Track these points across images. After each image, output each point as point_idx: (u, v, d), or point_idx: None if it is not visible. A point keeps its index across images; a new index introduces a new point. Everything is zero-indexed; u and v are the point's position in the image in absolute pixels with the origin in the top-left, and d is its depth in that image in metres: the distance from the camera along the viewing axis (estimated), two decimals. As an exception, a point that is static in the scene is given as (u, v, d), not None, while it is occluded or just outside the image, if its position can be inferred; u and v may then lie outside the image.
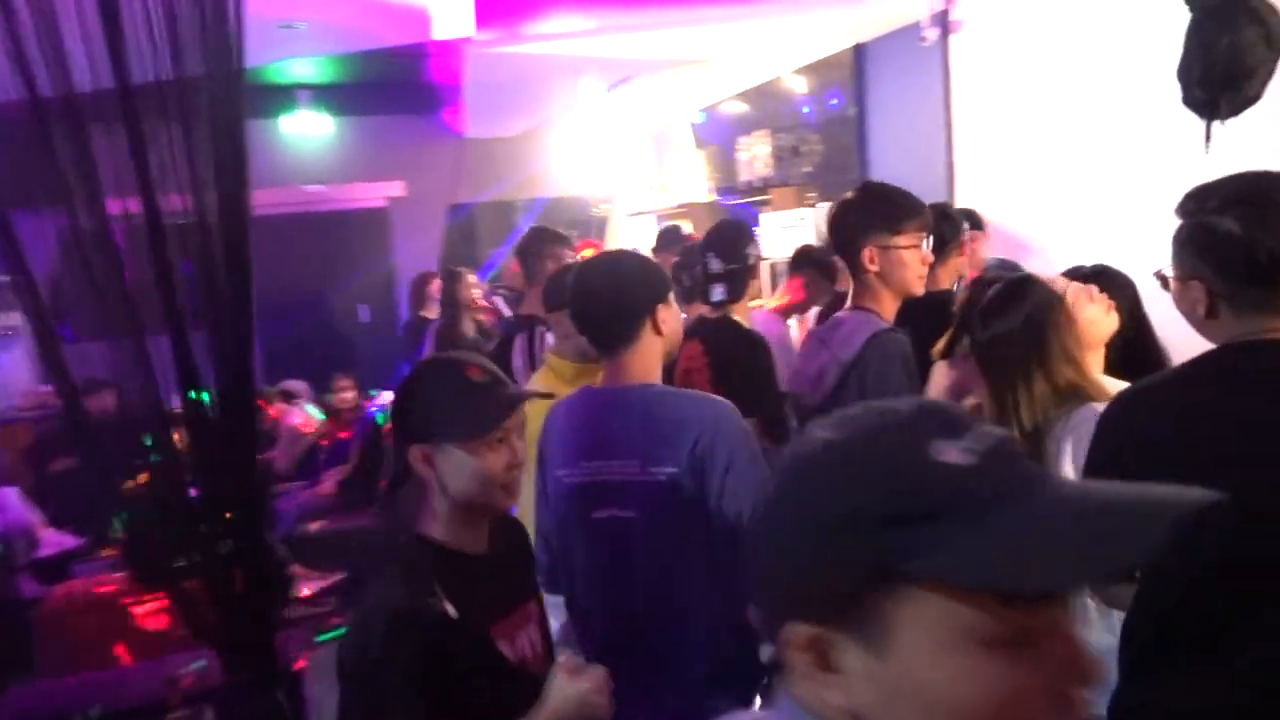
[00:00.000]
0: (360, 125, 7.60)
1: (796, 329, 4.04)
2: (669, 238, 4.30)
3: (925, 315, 2.08)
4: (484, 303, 5.56)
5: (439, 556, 1.38)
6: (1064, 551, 0.57)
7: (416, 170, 7.65)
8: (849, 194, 2.12)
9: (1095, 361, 1.86)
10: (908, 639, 0.60)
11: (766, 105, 6.93)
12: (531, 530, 1.72)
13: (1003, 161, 4.68)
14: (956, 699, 0.59)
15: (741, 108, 7.33)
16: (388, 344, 7.15)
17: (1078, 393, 1.74)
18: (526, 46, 5.64)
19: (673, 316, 1.80)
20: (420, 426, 1.40)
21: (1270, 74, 2.15)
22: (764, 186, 6.52)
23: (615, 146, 8.53)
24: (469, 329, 5.15)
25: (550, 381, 2.16)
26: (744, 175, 6.97)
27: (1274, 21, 2.14)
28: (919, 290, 2.01)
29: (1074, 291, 1.88)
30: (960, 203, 4.54)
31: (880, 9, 5.25)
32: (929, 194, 4.88)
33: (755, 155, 6.76)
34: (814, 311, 3.77)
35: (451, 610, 1.29)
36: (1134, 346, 1.93)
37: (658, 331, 1.77)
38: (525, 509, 2.17)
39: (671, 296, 1.80)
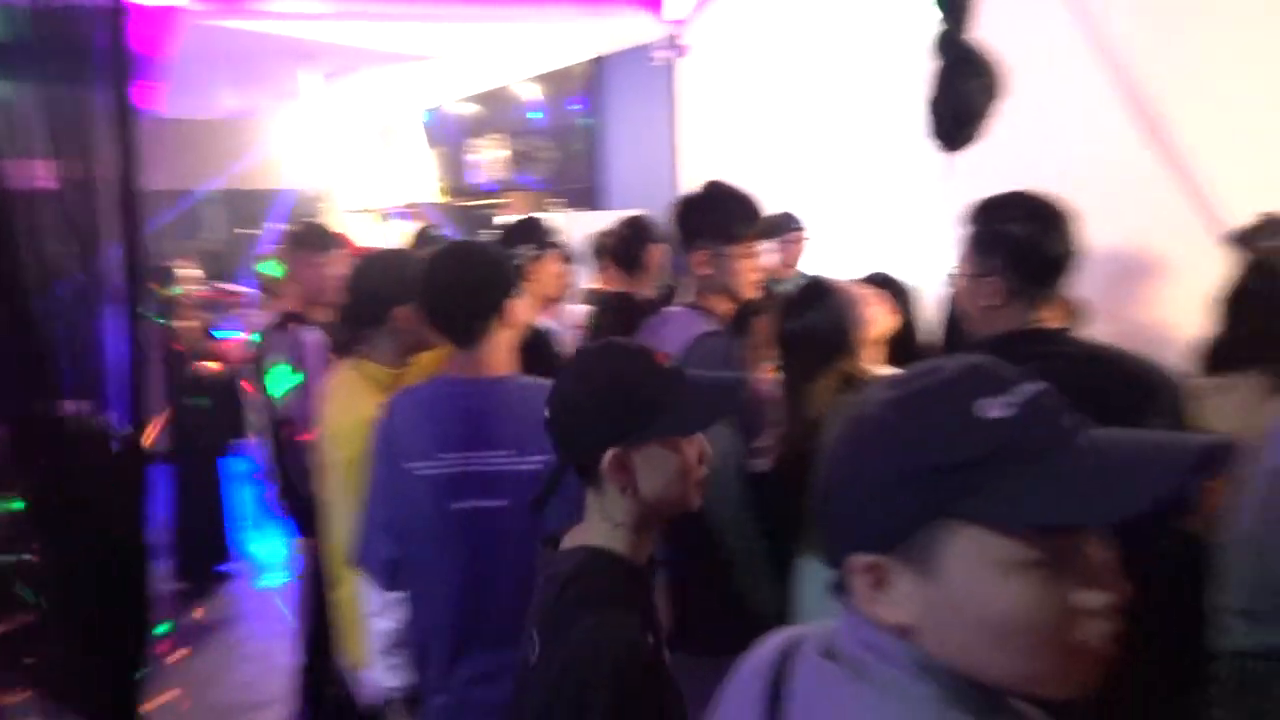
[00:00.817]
0: (33, 93, 6.58)
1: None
2: (424, 239, 4.20)
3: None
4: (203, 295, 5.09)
5: (628, 573, 1.24)
6: (1094, 491, 0.68)
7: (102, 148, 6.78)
8: (692, 193, 2.22)
9: (876, 357, 2.12)
10: (954, 566, 0.69)
11: (500, 109, 6.98)
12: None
13: (723, 176, 5.13)
14: (995, 614, 0.68)
15: (475, 110, 7.32)
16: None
17: (861, 384, 1.98)
18: (242, 23, 5.21)
19: (523, 309, 1.82)
20: (616, 424, 1.23)
21: (988, 116, 2.60)
22: (499, 190, 6.58)
23: (338, 140, 8.12)
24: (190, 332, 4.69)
25: (365, 387, 2.06)
26: (477, 178, 6.97)
27: (993, 73, 2.59)
28: (751, 294, 2.16)
29: (865, 293, 2.14)
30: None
31: (615, 27, 5.49)
32: (656, 205, 5.22)
33: (489, 159, 6.79)
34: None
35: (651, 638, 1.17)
36: (905, 343, 2.23)
37: (509, 324, 1.78)
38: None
39: (522, 289, 1.82)
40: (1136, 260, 2.84)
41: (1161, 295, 2.81)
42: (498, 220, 6.03)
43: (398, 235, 6.74)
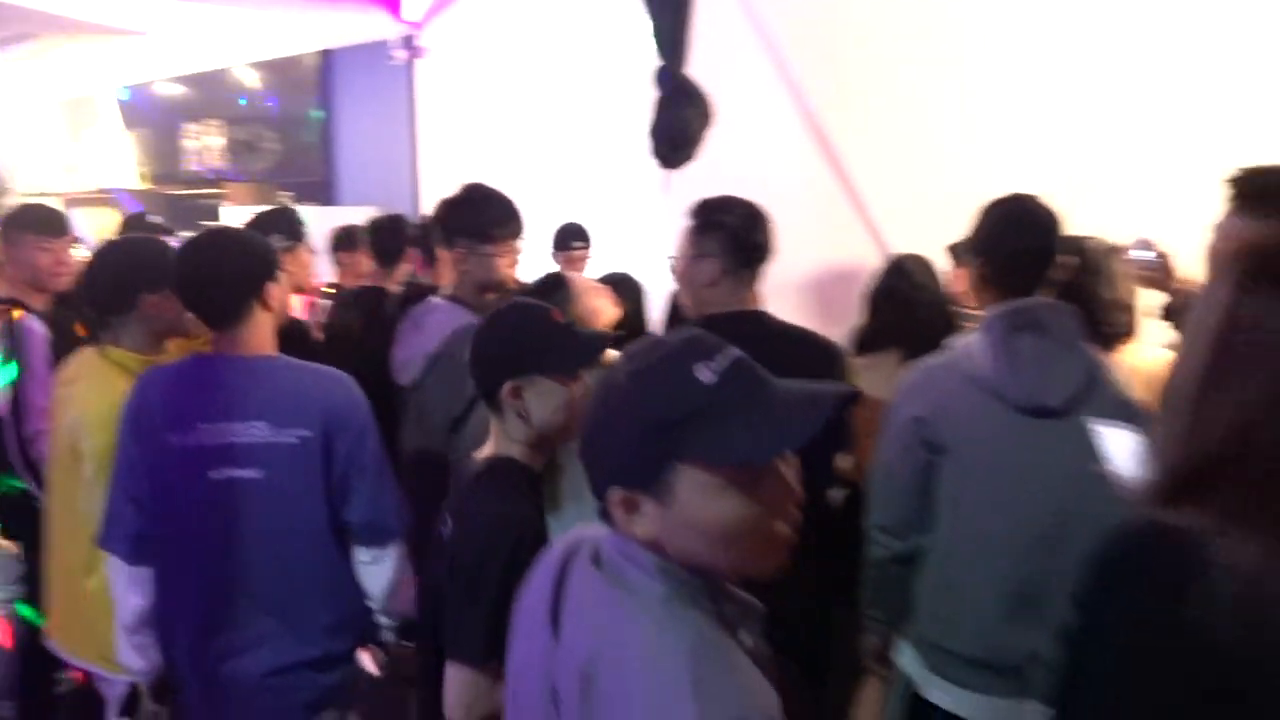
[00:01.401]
0: None
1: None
2: (134, 225, 3.95)
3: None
4: None
5: (529, 476, 1.54)
6: (774, 432, 0.96)
7: None
8: (454, 195, 2.38)
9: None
10: (684, 493, 0.94)
11: (217, 94, 6.65)
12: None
13: (463, 178, 5.28)
14: (715, 524, 0.94)
15: (185, 91, 6.90)
16: None
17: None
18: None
19: (281, 292, 1.90)
20: (512, 361, 1.52)
21: (700, 140, 3.01)
22: (217, 179, 6.28)
23: (13, 116, 7.28)
24: None
25: (115, 373, 2.03)
26: (190, 165, 6.59)
27: (704, 103, 3.00)
28: (507, 289, 2.28)
29: (594, 286, 2.37)
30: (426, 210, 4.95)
31: (348, 22, 5.44)
32: (393, 202, 5.27)
33: (205, 146, 6.45)
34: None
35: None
36: (635, 330, 2.54)
37: (268, 308, 1.86)
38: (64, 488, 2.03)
39: (280, 274, 1.89)
40: (808, 260, 3.37)
41: (825, 289, 3.36)
42: (225, 210, 5.77)
43: (93, 223, 6.18)
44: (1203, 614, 0.84)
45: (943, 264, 2.51)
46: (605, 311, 2.37)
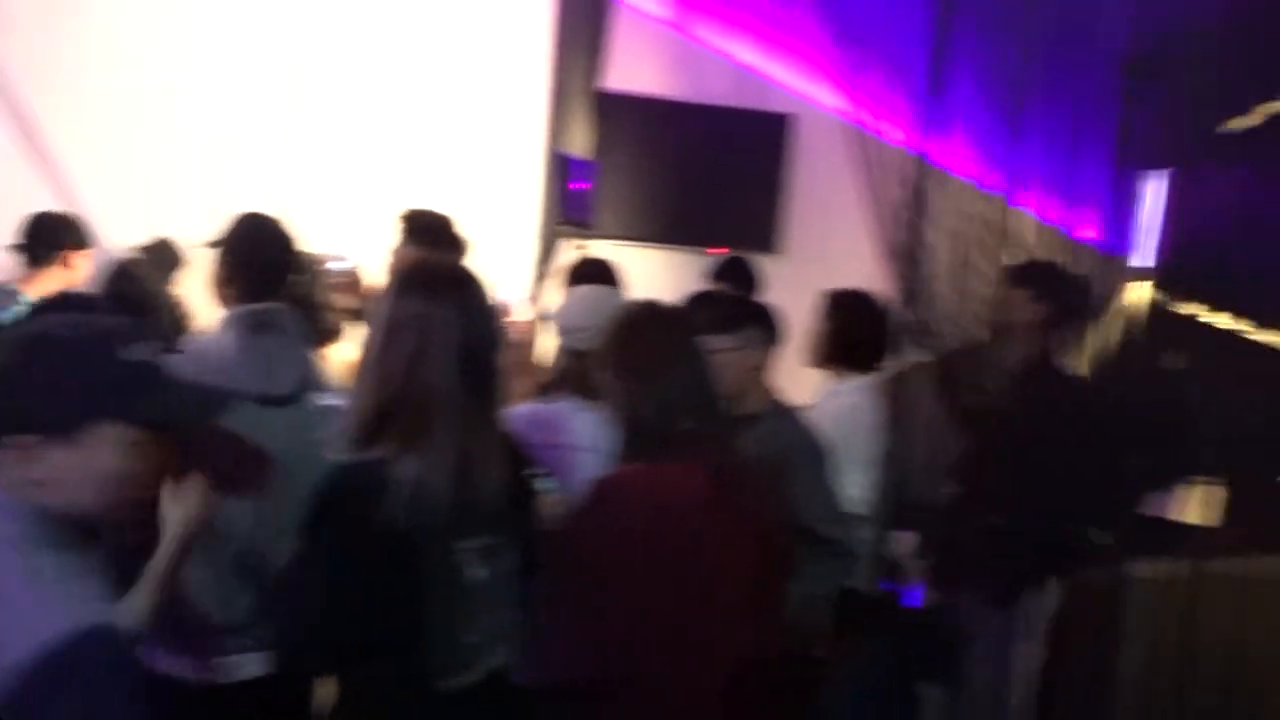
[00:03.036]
0: None
1: None
2: None
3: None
4: None
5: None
6: (164, 408, 1.15)
7: None
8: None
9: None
10: (92, 443, 1.09)
11: None
12: None
13: None
14: (109, 472, 1.11)
15: None
16: None
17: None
18: None
19: None
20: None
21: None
22: None
23: None
24: None
25: None
26: None
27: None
28: None
29: None
30: None
31: None
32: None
33: None
34: None
35: None
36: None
37: None
38: None
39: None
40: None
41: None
42: None
43: None
44: (388, 510, 1.32)
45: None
46: None
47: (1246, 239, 1.88)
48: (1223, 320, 1.89)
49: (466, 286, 1.50)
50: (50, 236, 2.76)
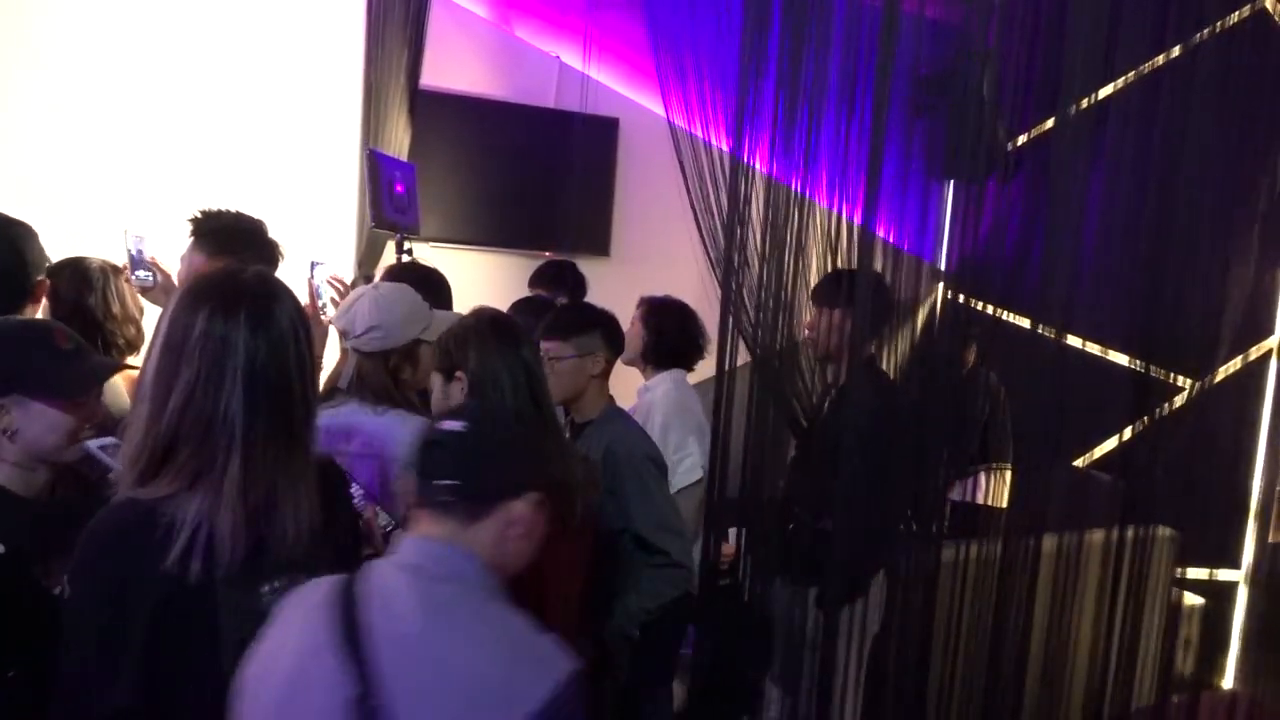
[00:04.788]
0: None
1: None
2: None
3: None
4: None
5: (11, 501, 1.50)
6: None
7: None
8: None
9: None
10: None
11: None
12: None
13: None
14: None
15: None
16: None
17: None
18: None
19: None
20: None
21: None
22: None
23: None
24: None
25: None
26: None
27: None
28: None
29: None
30: None
31: None
32: None
33: None
34: None
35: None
36: None
37: None
38: None
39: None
40: None
41: None
42: None
43: None
44: (158, 553, 1.16)
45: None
46: None
47: (1027, 243, 2.06)
48: (1013, 318, 2.06)
49: (265, 299, 1.30)
50: None
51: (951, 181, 2.16)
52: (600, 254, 5.01)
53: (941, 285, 2.24)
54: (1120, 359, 2.43)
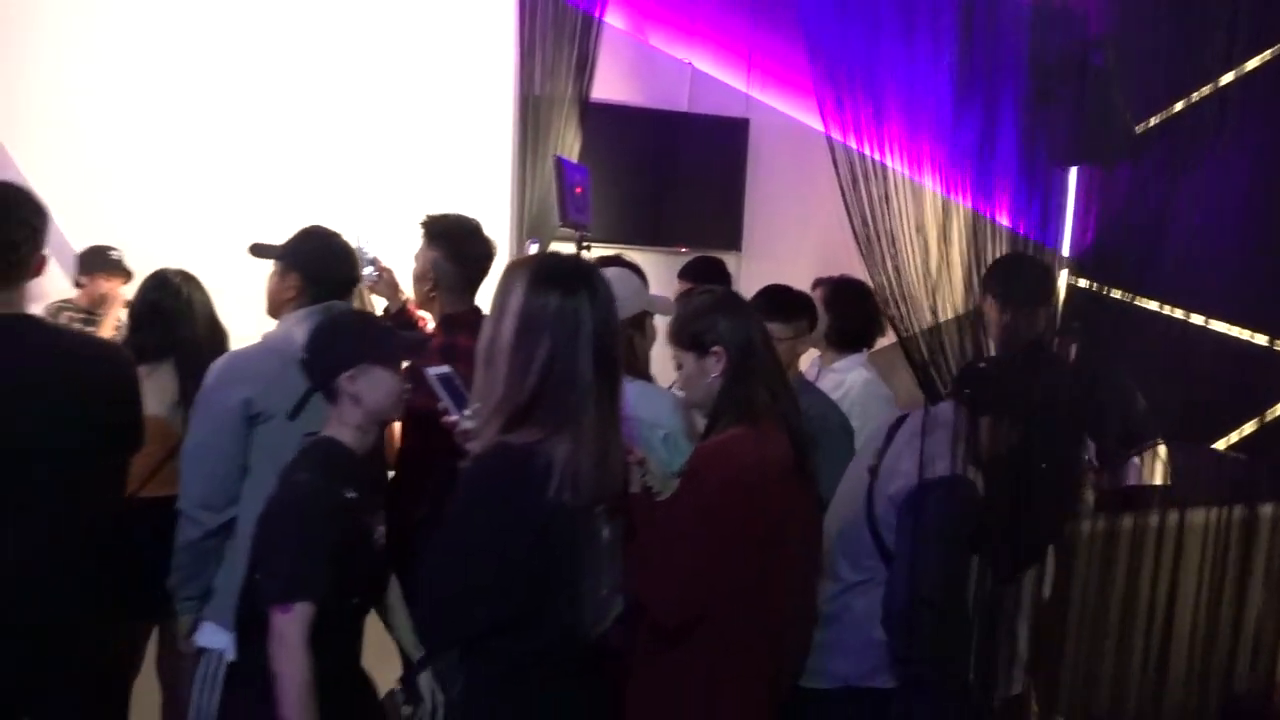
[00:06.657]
0: None
1: None
2: None
3: None
4: None
5: (349, 456, 1.82)
6: None
7: None
8: None
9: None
10: None
11: None
12: None
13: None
14: None
15: None
16: None
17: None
18: None
19: None
20: (349, 353, 1.80)
21: None
22: None
23: None
24: None
25: None
26: None
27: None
28: None
29: None
30: None
31: None
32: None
33: None
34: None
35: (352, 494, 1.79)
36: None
37: None
38: None
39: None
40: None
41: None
42: None
43: None
44: (538, 489, 1.44)
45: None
46: None
47: (1159, 228, 2.08)
48: (1145, 303, 2.09)
49: (593, 277, 1.55)
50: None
51: (1074, 168, 2.18)
52: (732, 248, 5.19)
53: (1066, 272, 2.26)
54: (1260, 339, 2.42)
